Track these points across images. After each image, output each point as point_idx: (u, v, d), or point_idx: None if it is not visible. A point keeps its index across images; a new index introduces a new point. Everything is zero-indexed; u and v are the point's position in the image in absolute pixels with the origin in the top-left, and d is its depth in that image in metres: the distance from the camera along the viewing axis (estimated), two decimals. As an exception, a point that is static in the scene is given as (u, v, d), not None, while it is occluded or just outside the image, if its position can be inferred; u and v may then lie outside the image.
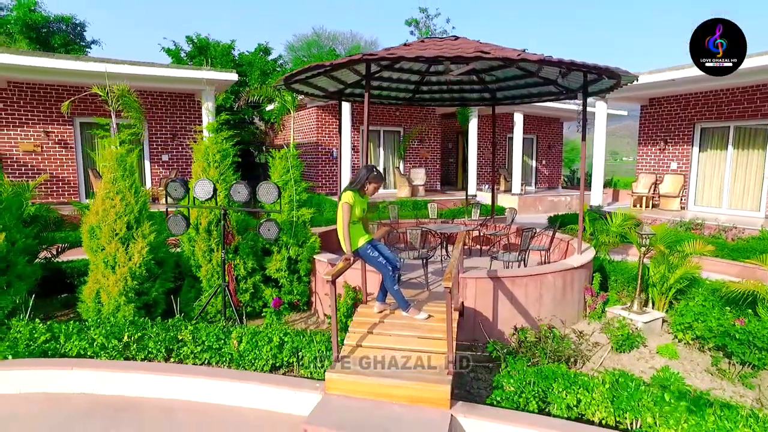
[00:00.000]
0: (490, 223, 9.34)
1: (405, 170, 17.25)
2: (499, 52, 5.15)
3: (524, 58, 4.97)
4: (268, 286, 6.48)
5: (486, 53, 5.09)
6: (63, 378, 4.29)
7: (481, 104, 9.74)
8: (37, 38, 17.39)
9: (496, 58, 5.01)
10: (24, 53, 10.63)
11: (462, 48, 5.51)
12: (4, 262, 5.11)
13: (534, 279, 5.65)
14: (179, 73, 11.57)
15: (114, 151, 5.61)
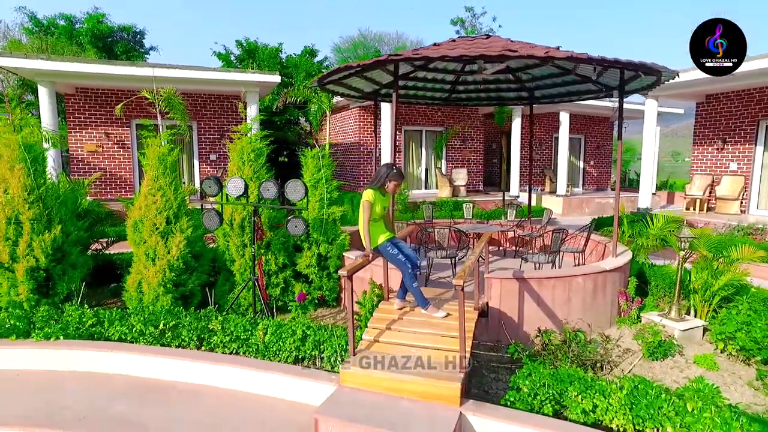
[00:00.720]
0: (527, 224, 9.16)
1: (447, 170, 17.17)
2: (525, 50, 5.08)
3: (551, 55, 4.88)
4: (298, 281, 6.68)
5: (512, 51, 5.04)
6: (104, 359, 4.64)
7: (519, 103, 9.58)
8: (103, 47, 18.69)
9: (521, 56, 4.94)
10: (87, 61, 11.45)
11: (490, 47, 5.47)
12: (59, 252, 5.57)
13: (562, 281, 5.53)
14: (224, 75, 12.08)
15: (156, 150, 5.98)
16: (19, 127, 5.48)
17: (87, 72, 10.79)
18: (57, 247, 5.50)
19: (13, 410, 3.97)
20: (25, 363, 4.69)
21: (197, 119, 14.23)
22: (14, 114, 5.50)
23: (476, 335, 5.54)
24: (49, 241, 5.38)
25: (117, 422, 3.78)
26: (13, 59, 10.13)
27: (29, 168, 5.41)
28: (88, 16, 18.84)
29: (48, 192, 5.52)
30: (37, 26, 18.56)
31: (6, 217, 5.29)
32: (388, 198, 4.83)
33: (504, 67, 7.60)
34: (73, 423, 3.76)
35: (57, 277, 5.58)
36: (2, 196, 5.36)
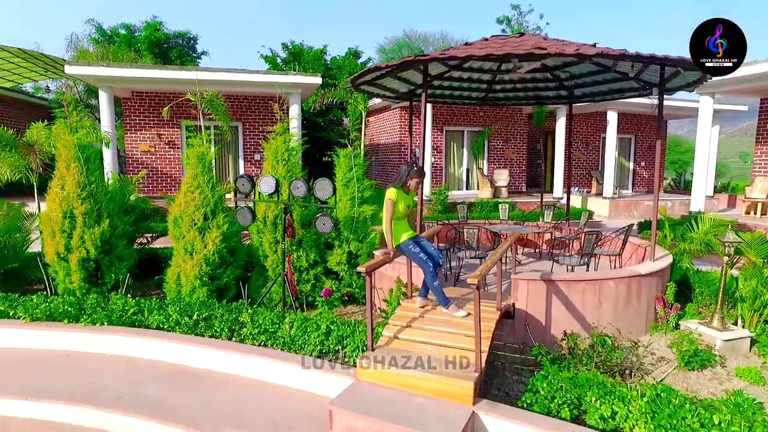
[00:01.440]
0: (564, 226, 8.93)
1: (489, 171, 16.94)
2: (555, 48, 4.98)
3: (581, 53, 4.76)
4: (328, 278, 6.84)
5: (541, 49, 4.96)
6: (142, 345, 4.96)
7: (558, 103, 9.36)
8: (159, 53, 19.77)
9: (548, 54, 4.85)
10: (139, 66, 12.17)
11: (519, 45, 5.40)
12: (107, 245, 5.99)
13: (592, 284, 5.37)
14: (265, 78, 12.46)
15: (196, 150, 6.30)
16: (75, 129, 5.93)
17: (138, 77, 11.48)
18: (105, 239, 5.91)
19: (61, 387, 4.32)
20: (74, 345, 5.08)
21: (242, 120, 14.76)
22: (71, 117, 5.96)
23: (501, 337, 5.50)
24: (98, 234, 5.79)
25: (149, 404, 4.04)
26: (79, 67, 10.93)
27: (82, 166, 5.85)
28: (146, 24, 20.01)
29: (98, 188, 5.94)
30: (102, 36, 19.89)
31: (62, 211, 5.75)
32: (412, 197, 4.87)
33: (539, 66, 7.45)
34: (110, 402, 4.05)
35: (105, 268, 6.00)
36: (60, 192, 5.82)
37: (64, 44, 18.51)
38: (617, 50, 4.80)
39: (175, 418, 3.83)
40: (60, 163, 5.84)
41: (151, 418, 3.82)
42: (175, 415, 3.87)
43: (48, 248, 5.83)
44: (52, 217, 5.75)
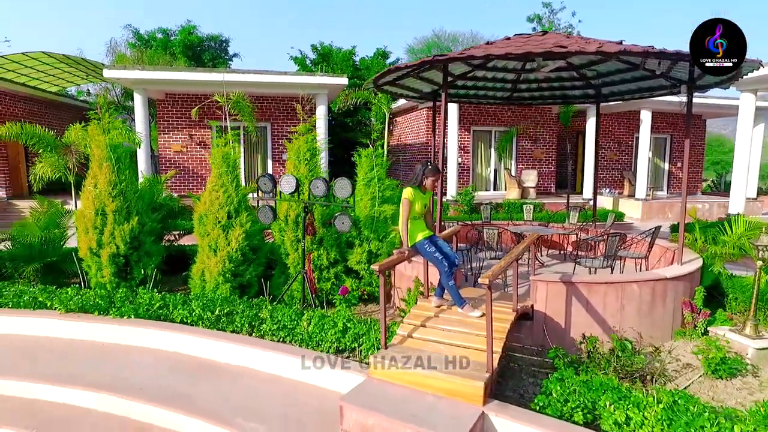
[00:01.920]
0: (591, 227, 8.73)
1: (517, 172, 16.72)
2: (576, 46, 4.90)
3: (603, 50, 4.66)
4: (349, 276, 6.91)
5: (562, 47, 4.88)
6: (166, 338, 5.14)
7: (585, 102, 9.15)
8: (192, 56, 20.38)
9: (568, 52, 4.76)
10: (170, 69, 12.60)
11: (540, 44, 5.33)
12: (136, 241, 6.23)
13: (614, 287, 5.24)
14: (293, 79, 12.67)
15: (221, 150, 6.48)
16: (107, 130, 6.20)
17: (169, 79, 11.88)
18: (134, 236, 6.15)
19: (90, 375, 4.53)
20: (103, 336, 5.31)
21: (271, 120, 15.04)
22: (104, 119, 6.24)
23: (520, 339, 5.44)
24: (127, 231, 6.04)
25: (169, 394, 4.19)
26: (115, 71, 11.39)
27: (114, 165, 6.11)
28: (180, 28, 20.67)
29: (128, 187, 6.19)
30: (139, 40, 20.66)
31: (95, 209, 6.02)
32: (428, 196, 4.88)
33: (564, 65, 7.32)
34: (133, 391, 4.22)
35: (134, 263, 6.24)
36: (93, 190, 6.09)
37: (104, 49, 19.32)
38: (641, 47, 4.68)
39: (193, 408, 3.96)
40: (93, 163, 6.12)
41: (170, 408, 3.97)
42: (193, 405, 4.01)
43: (82, 243, 6.12)
44: (85, 214, 6.03)
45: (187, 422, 3.88)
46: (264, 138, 15.21)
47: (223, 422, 3.76)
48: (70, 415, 4.19)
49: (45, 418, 4.14)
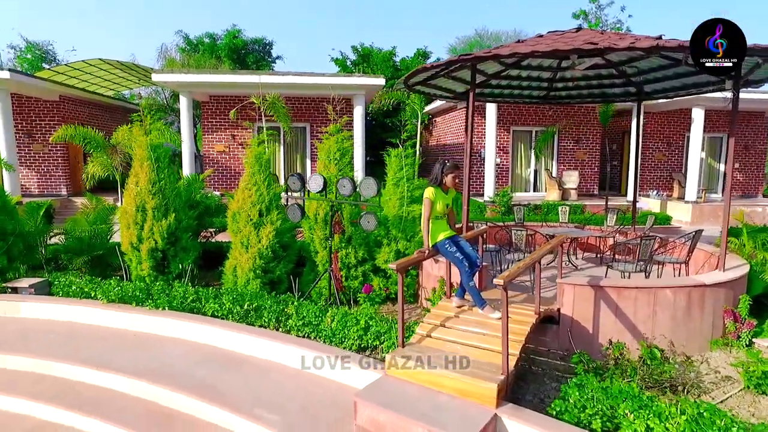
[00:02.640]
0: (630, 230, 8.40)
1: (558, 173, 16.28)
2: (607, 42, 4.74)
3: (634, 46, 4.49)
4: (377, 275, 6.96)
5: (592, 44, 4.75)
6: (196, 330, 5.37)
7: (626, 100, 8.81)
8: (237, 59, 21.10)
9: (598, 49, 4.62)
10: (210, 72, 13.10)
11: (571, 41, 5.19)
12: (173, 237, 6.54)
13: (645, 292, 5.03)
14: (330, 80, 12.85)
15: (254, 150, 6.70)
16: (148, 131, 6.54)
17: (209, 81, 12.37)
18: (171, 232, 6.46)
19: (125, 363, 4.81)
20: (139, 325, 5.62)
21: (310, 121, 15.34)
22: (145, 120, 6.59)
23: (546, 342, 5.32)
24: (165, 227, 6.35)
25: (195, 383, 4.39)
26: (161, 75, 11.97)
27: (154, 164, 6.44)
28: (226, 32, 21.44)
29: (166, 185, 6.50)
30: (189, 45, 21.59)
31: (135, 206, 6.36)
32: (451, 196, 4.86)
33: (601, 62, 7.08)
34: (162, 378, 4.45)
35: (170, 258, 6.55)
36: (134, 188, 6.45)
37: (155, 54, 20.34)
38: (676, 42, 4.47)
39: (215, 397, 4.13)
40: (135, 162, 6.47)
41: (194, 396, 4.15)
42: (216, 394, 4.18)
43: (124, 238, 6.48)
44: (127, 210, 6.39)
45: (208, 410, 4.06)
46: (303, 138, 15.53)
47: (241, 412, 3.91)
48: (104, 397, 4.46)
49: (85, 399, 4.43)
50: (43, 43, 25.76)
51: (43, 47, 25.84)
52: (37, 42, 25.15)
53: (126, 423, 4.08)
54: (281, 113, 9.19)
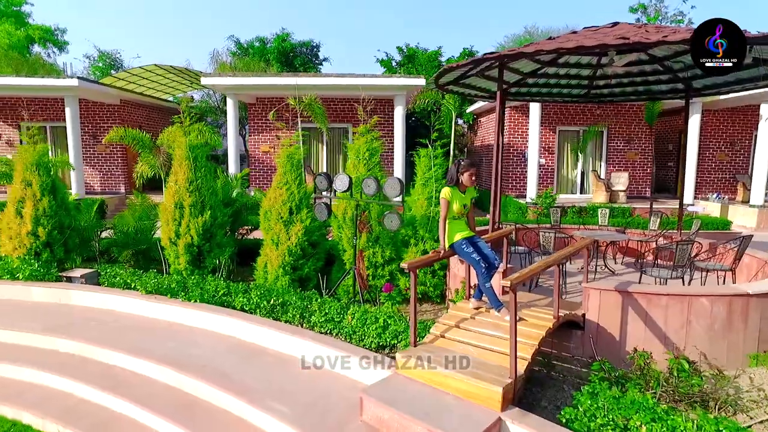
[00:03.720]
0: (675, 235, 7.93)
1: (606, 174, 15.63)
2: (639, 37, 4.53)
3: (665, 40, 4.26)
4: (404, 275, 6.98)
5: (623, 39, 4.55)
6: (225, 323, 5.61)
7: (674, 97, 8.33)
8: (285, 62, 21.71)
9: (626, 44, 4.41)
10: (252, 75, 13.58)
11: (604, 36, 5.00)
12: (208, 233, 6.85)
13: (678, 300, 4.76)
14: (369, 81, 12.96)
15: (286, 150, 6.90)
16: (187, 132, 6.90)
17: (250, 84, 12.85)
18: (206, 228, 6.77)
19: (157, 350, 5.10)
20: (172, 316, 5.94)
21: (352, 122, 15.55)
22: (185, 121, 6.95)
23: (570, 348, 5.15)
24: (200, 224, 6.66)
25: (218, 373, 4.59)
26: (209, 78, 12.55)
27: (192, 164, 6.78)
28: (276, 36, 22.12)
29: (203, 183, 6.82)
30: (240, 49, 22.48)
31: (174, 203, 6.72)
32: (469, 196, 4.81)
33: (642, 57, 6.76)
34: (189, 367, 4.69)
35: (206, 253, 6.87)
36: (173, 186, 6.81)
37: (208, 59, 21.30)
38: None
39: (233, 387, 4.31)
40: (175, 161, 6.84)
41: (213, 384, 4.35)
42: (234, 384, 4.36)
43: (163, 234, 6.86)
44: (167, 207, 6.76)
45: (224, 398, 4.24)
46: (345, 138, 15.76)
47: (254, 402, 4.05)
48: (136, 382, 4.76)
49: (119, 381, 4.76)
50: (112, 52, 27.58)
51: (112, 55, 27.68)
52: (107, 51, 26.96)
53: (152, 407, 4.33)
54: (318, 114, 9.41)
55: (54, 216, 6.97)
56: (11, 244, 6.96)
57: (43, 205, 6.89)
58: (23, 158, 6.96)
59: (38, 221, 6.87)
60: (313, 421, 3.78)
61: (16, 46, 22.63)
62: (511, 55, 5.11)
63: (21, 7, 25.34)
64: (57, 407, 4.62)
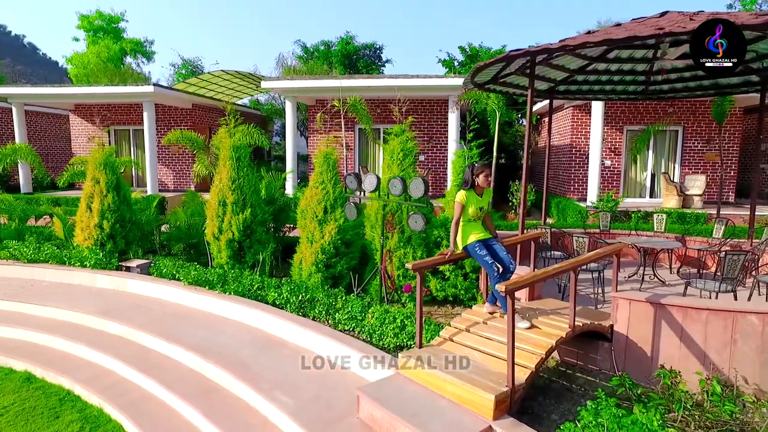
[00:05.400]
0: (745, 244, 7.17)
1: (681, 177, 14.41)
2: (675, 26, 4.18)
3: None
4: (435, 277, 6.91)
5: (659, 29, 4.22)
6: (252, 315, 5.88)
7: (748, 91, 7.53)
8: (348, 64, 22.21)
9: (667, 34, 4.08)
10: (304, 78, 13.97)
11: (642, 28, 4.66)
12: (249, 230, 7.20)
13: (721, 316, 4.31)
14: (423, 81, 12.92)
15: (323, 150, 7.08)
16: (232, 134, 7.30)
17: (304, 87, 13.28)
18: (247, 225, 7.12)
19: (190, 338, 5.46)
20: (208, 306, 6.32)
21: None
22: (231, 123, 7.37)
23: (596, 361, 4.85)
24: (241, 220, 7.02)
25: (238, 361, 4.83)
26: (268, 82, 13.16)
27: (234, 163, 7.16)
28: (340, 39, 22.69)
29: (244, 182, 7.18)
30: (306, 53, 23.31)
31: (218, 200, 7.14)
32: (486, 198, 4.68)
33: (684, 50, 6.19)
34: (214, 355, 4.98)
35: (246, 249, 7.22)
36: (218, 184, 7.24)
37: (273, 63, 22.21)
38: (758, 13, 3.78)
39: (247, 376, 4.51)
40: (220, 161, 7.26)
41: (230, 372, 4.59)
42: (248, 372, 4.57)
43: (208, 229, 7.31)
44: (211, 204, 7.20)
45: (238, 386, 4.46)
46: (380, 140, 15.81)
47: (262, 392, 4.22)
48: (166, 365, 5.13)
49: (152, 364, 5.15)
50: (194, 60, 29.69)
51: (194, 63, 29.80)
52: (189, 59, 29.08)
53: (177, 390, 4.64)
54: (362, 115, 9.54)
55: (116, 210, 7.67)
56: (82, 234, 7.75)
57: (108, 201, 7.61)
58: (94, 159, 7.72)
59: (103, 215, 7.59)
60: (311, 415, 3.87)
61: (112, 59, 25.07)
62: (537, 51, 4.91)
63: (119, 23, 28.01)
64: (101, 383, 5.09)
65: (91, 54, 24.66)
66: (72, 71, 25.17)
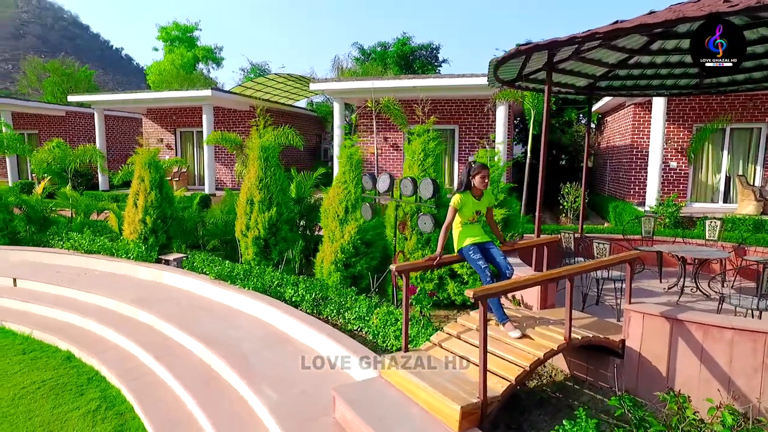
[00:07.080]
0: (812, 257, 6.32)
1: (762, 180, 12.97)
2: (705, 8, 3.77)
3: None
4: (454, 280, 6.73)
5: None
6: (265, 311, 6.04)
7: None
8: (404, 64, 22.20)
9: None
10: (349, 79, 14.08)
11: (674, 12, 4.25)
12: (274, 228, 7.41)
13: (749, 337, 3.82)
14: (469, 81, 12.61)
15: (346, 151, 7.13)
16: (261, 134, 7.55)
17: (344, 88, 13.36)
18: (272, 223, 7.33)
19: (204, 329, 5.72)
20: (228, 300, 6.58)
21: (459, 123, 15.31)
22: (260, 124, 7.62)
23: (606, 378, 4.48)
24: (267, 218, 7.24)
25: (240, 354, 4.99)
26: (316, 84, 13.49)
27: (262, 163, 7.39)
28: (396, 40, 22.73)
29: (271, 181, 7.40)
30: (363, 55, 23.61)
31: (246, 198, 7.41)
32: (485, 202, 4.51)
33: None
34: (221, 347, 5.18)
35: (272, 246, 7.43)
36: (247, 183, 7.51)
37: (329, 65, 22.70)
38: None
39: (243, 368, 4.65)
40: (249, 161, 7.54)
41: (229, 364, 4.75)
42: (245, 366, 4.70)
43: (237, 226, 7.61)
44: (240, 202, 7.49)
45: (234, 378, 4.61)
46: (452, 141, 15.58)
47: (252, 385, 4.33)
48: (179, 353, 5.41)
49: (167, 351, 5.46)
50: (261, 64, 31.11)
51: (261, 67, 31.21)
52: (257, 63, 30.49)
53: (182, 378, 4.88)
54: (396, 115, 9.49)
55: (159, 207, 8.21)
56: (128, 228, 8.37)
57: (151, 198, 8.15)
58: (140, 159, 8.32)
59: (147, 211, 8.14)
60: (291, 410, 3.90)
61: (185, 66, 26.89)
62: (547, 44, 4.61)
63: (193, 32, 29.99)
64: (124, 366, 5.46)
65: (167, 62, 26.60)
66: (150, 78, 27.30)
